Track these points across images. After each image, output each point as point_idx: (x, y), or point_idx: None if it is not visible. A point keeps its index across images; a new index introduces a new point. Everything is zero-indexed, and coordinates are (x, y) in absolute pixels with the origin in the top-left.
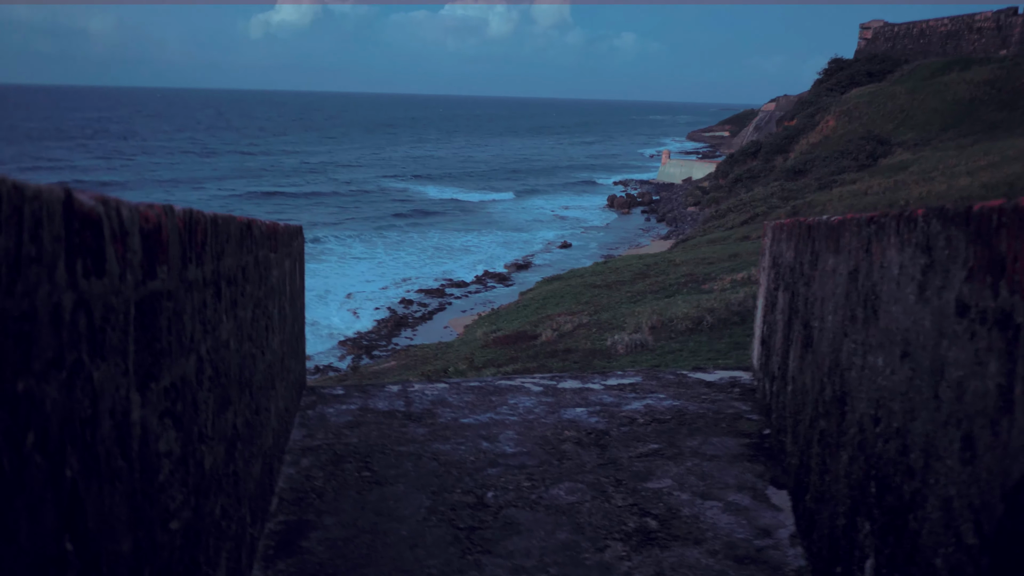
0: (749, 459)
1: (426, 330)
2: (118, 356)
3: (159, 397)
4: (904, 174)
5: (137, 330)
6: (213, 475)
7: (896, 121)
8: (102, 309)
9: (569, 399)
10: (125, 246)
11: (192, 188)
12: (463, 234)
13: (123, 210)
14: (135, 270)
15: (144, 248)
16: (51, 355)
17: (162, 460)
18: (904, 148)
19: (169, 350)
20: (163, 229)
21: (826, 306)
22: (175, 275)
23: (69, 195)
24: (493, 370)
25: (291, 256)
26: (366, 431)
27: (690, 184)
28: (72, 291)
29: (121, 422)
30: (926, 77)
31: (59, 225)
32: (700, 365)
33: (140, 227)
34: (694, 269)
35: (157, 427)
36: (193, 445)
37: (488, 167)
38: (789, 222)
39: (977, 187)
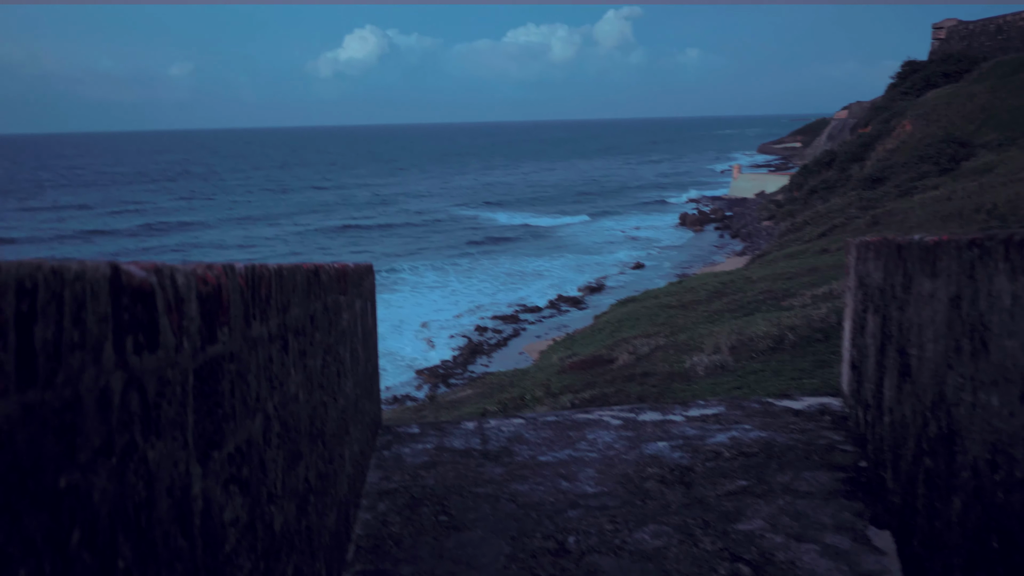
0: (845, 495)
1: (502, 356)
2: (176, 430)
3: (223, 465)
4: (989, 176)
5: (197, 399)
6: (284, 535)
7: (977, 122)
8: (156, 384)
9: (650, 432)
10: (181, 314)
11: (268, 224)
12: (535, 259)
13: (178, 277)
14: (193, 338)
15: (203, 313)
16: (99, 443)
17: (228, 530)
18: (987, 149)
19: (233, 414)
20: (223, 291)
21: (924, 333)
22: (237, 335)
23: (116, 271)
24: (570, 396)
25: (362, 296)
26: (442, 472)
27: (763, 198)
28: (122, 371)
29: (181, 499)
30: (1007, 74)
31: (105, 304)
32: (786, 391)
33: (198, 292)
34: (772, 285)
35: (221, 496)
36: (261, 508)
37: (557, 191)
38: (876, 240)
39: None
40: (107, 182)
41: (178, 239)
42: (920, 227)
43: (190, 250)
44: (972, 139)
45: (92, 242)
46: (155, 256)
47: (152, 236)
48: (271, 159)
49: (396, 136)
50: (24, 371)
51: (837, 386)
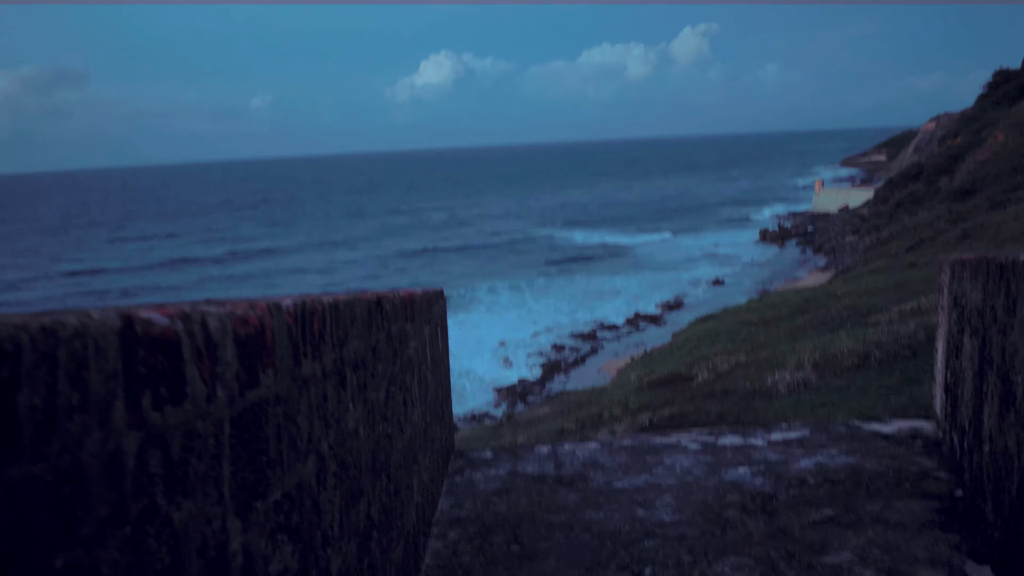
0: (940, 526)
1: (579, 374)
2: (208, 485)
3: (267, 514)
4: None
5: (235, 449)
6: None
7: None
8: (182, 439)
9: (730, 458)
10: (215, 361)
11: (348, 249)
12: (612, 277)
13: (211, 321)
14: (229, 384)
15: (242, 357)
16: (107, 512)
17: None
18: None
19: (280, 460)
20: (267, 331)
21: None
22: (285, 376)
23: (129, 322)
24: (648, 414)
25: (432, 322)
26: (515, 499)
27: (847, 212)
28: (138, 430)
29: (216, 558)
30: None
31: (115, 359)
32: (874, 412)
33: (235, 335)
34: (857, 301)
35: (266, 548)
36: (315, 553)
37: (634, 208)
38: (973, 259)
39: None
40: (193, 212)
41: (261, 265)
42: (1014, 241)
43: (273, 276)
44: None
45: (179, 270)
46: (238, 283)
47: (236, 263)
48: (350, 184)
49: (472, 159)
50: (5, 445)
51: (929, 408)
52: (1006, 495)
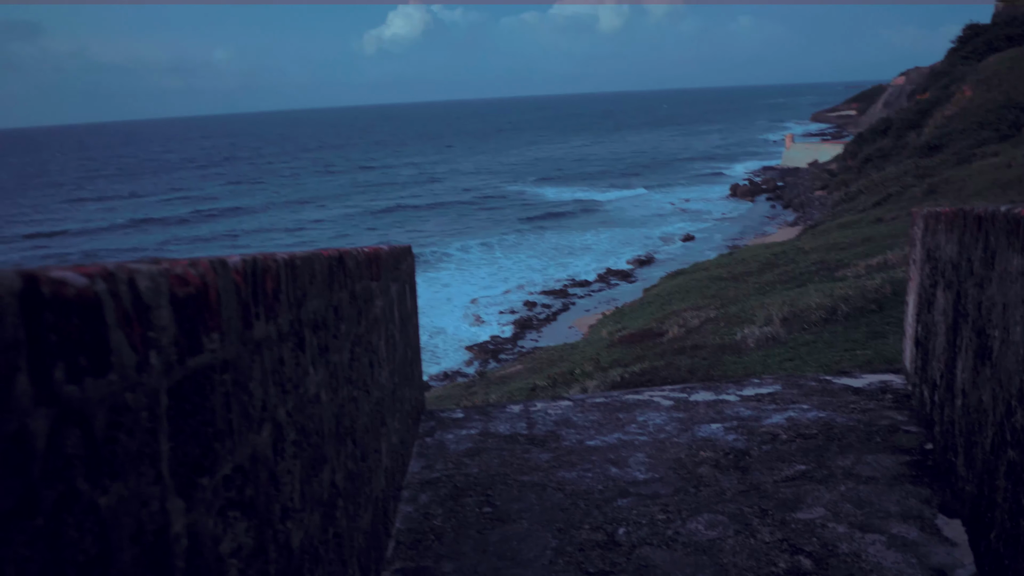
0: (912, 480)
1: (551, 331)
2: (143, 464)
3: (216, 491)
4: None
5: (175, 422)
6: (306, 549)
7: None
8: (108, 414)
9: (703, 414)
10: (146, 325)
11: (316, 208)
12: (584, 233)
13: (141, 281)
14: (165, 351)
15: (180, 320)
16: (11, 504)
17: (226, 563)
18: None
19: (229, 430)
20: (211, 290)
21: (1011, 314)
22: (234, 340)
23: (33, 282)
24: (620, 370)
25: (399, 280)
26: (487, 459)
27: (816, 167)
28: (48, 407)
29: (154, 543)
30: None
31: (14, 326)
32: (843, 367)
33: (173, 296)
34: (825, 256)
35: (215, 527)
36: (273, 528)
37: (606, 164)
38: (949, 211)
39: None
40: (155, 170)
41: (227, 225)
42: (979, 195)
43: (240, 236)
44: None
45: (143, 231)
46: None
47: (202, 223)
48: (317, 140)
49: (443, 113)
50: None
51: (897, 362)
52: (979, 449)
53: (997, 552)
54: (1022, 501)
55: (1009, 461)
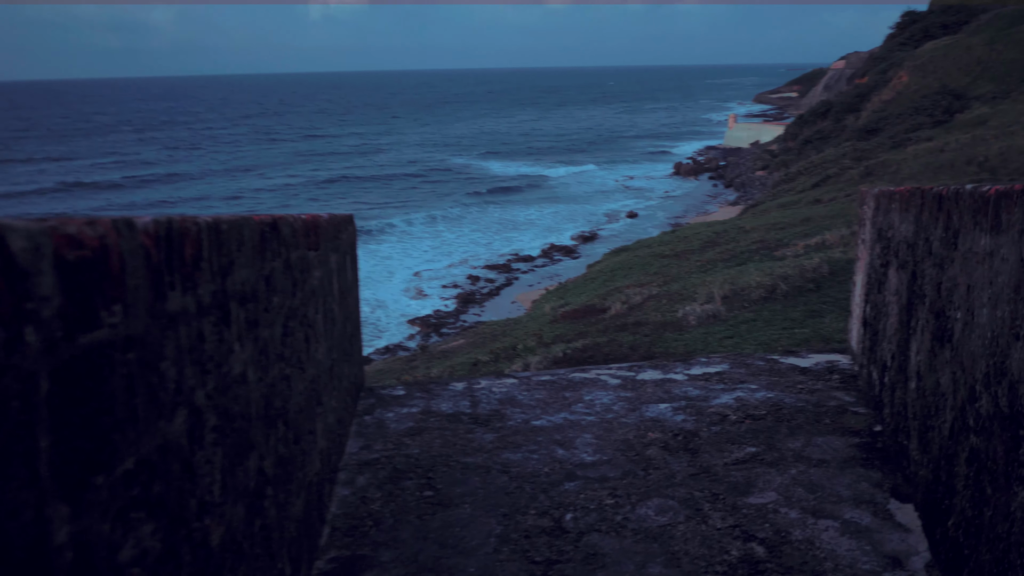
0: (862, 463)
1: (494, 306)
2: (13, 465)
3: (113, 491)
4: (982, 129)
5: (59, 412)
6: (228, 545)
7: (973, 74)
8: None
9: (650, 393)
10: (21, 294)
11: (257, 176)
12: (529, 208)
13: (14, 241)
14: (47, 325)
15: (69, 288)
16: None
17: (127, 574)
18: (981, 102)
19: (132, 418)
20: (112, 255)
21: (977, 296)
22: (141, 313)
23: None
24: (563, 346)
25: (339, 250)
26: (428, 439)
27: (758, 148)
28: None
29: (26, 560)
30: (1005, 26)
31: None
32: (791, 348)
33: (59, 259)
34: (765, 235)
35: (113, 533)
36: (188, 527)
37: (552, 140)
38: (904, 190)
39: None
40: (88, 132)
41: (165, 192)
42: (912, 179)
43: (177, 204)
44: (967, 91)
45: (74, 195)
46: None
47: (136, 189)
48: (260, 107)
49: (389, 83)
50: None
51: (841, 341)
52: (935, 434)
53: (956, 540)
54: (986, 490)
55: (972, 448)
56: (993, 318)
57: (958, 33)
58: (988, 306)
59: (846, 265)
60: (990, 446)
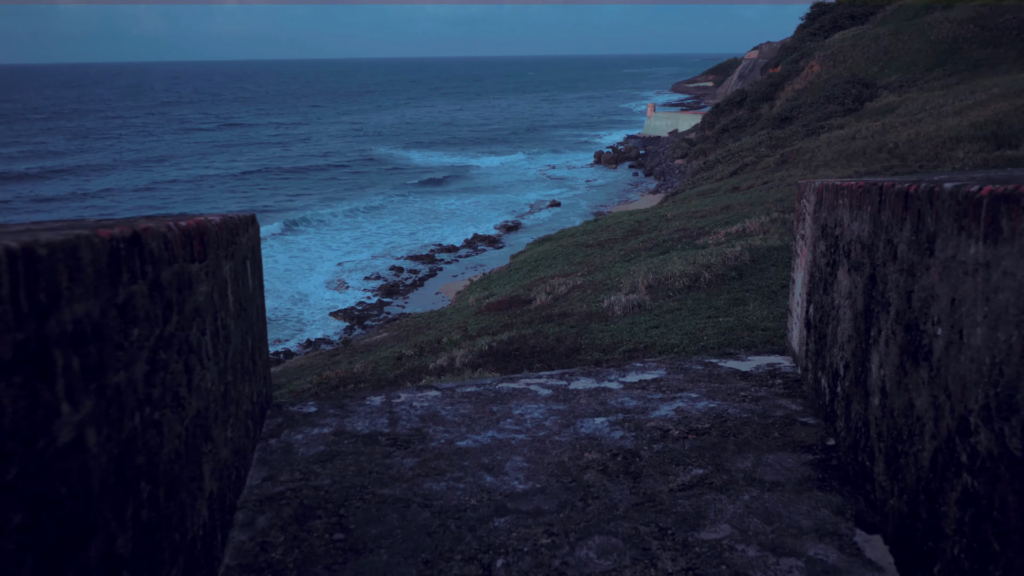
0: (819, 485)
1: (418, 297)
2: None
3: None
4: (891, 116)
5: None
6: None
7: (881, 63)
8: None
9: (584, 405)
10: None
11: (172, 166)
12: (451, 198)
13: None
14: None
15: None
16: None
17: None
18: (890, 90)
19: None
20: None
21: (967, 313)
22: None
23: None
24: (488, 339)
25: (235, 256)
26: (341, 466)
27: (676, 136)
28: None
29: None
30: (909, 17)
31: None
32: (729, 350)
33: None
34: (686, 223)
35: None
36: None
37: (472, 130)
38: (856, 185)
39: (966, 126)
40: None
41: (74, 184)
42: (826, 166)
43: (83, 197)
44: (876, 80)
45: None
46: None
47: (46, 180)
48: (173, 94)
49: (305, 72)
50: None
51: (783, 343)
52: (910, 461)
53: None
54: (992, 545)
55: (966, 489)
56: (993, 341)
57: (865, 24)
58: (984, 326)
59: (767, 253)
60: (994, 492)
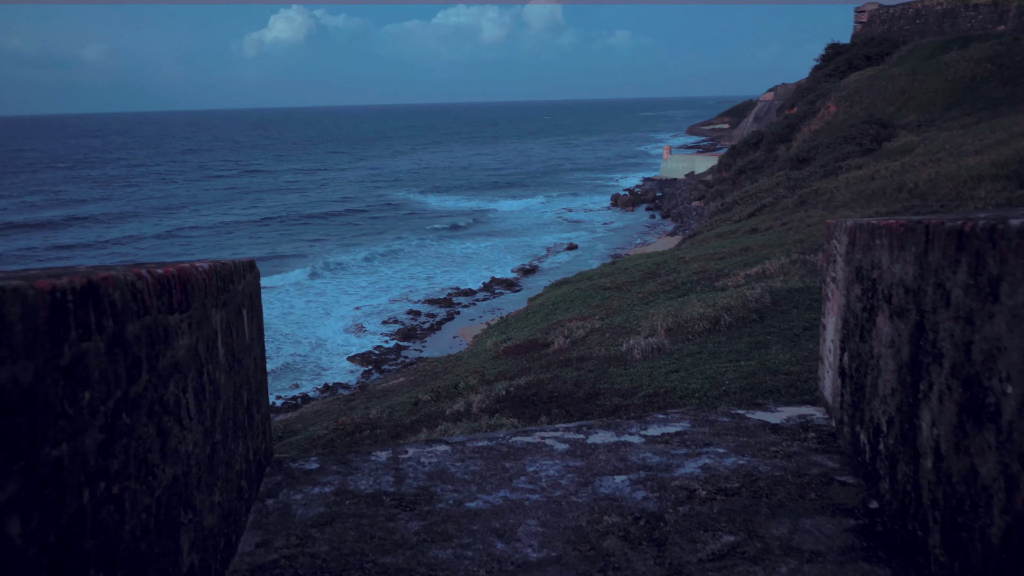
0: (865, 556)
1: (435, 341)
2: None
3: None
4: (910, 156)
5: None
6: None
7: (898, 103)
8: None
9: (604, 461)
10: None
11: (191, 213)
12: (468, 242)
13: None
14: None
15: None
16: None
17: None
18: (908, 130)
19: None
20: None
21: None
22: None
23: None
24: (505, 383)
25: (230, 305)
26: (341, 530)
27: (693, 178)
28: None
29: None
30: (925, 57)
31: None
32: (757, 401)
33: None
34: (705, 265)
35: None
36: None
37: (488, 174)
38: (897, 224)
39: (987, 165)
40: (22, 167)
41: (96, 232)
42: (846, 206)
43: (106, 245)
44: (893, 120)
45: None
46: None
47: (66, 228)
48: (194, 143)
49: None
50: None
51: (812, 392)
52: (977, 538)
53: None
54: None
55: None
56: None
57: (881, 64)
58: None
59: (788, 295)
60: None
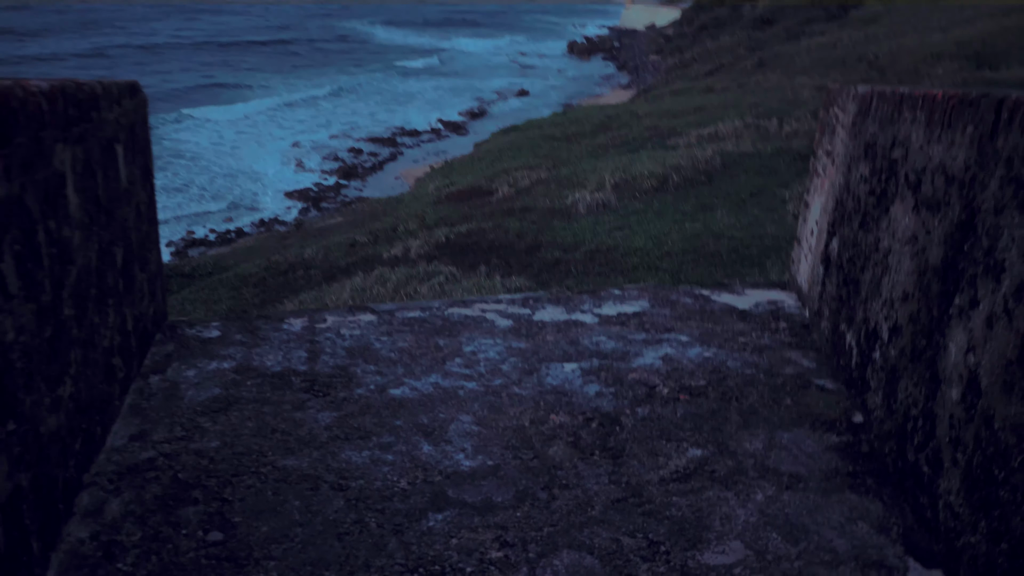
0: (851, 484)
1: (376, 181)
2: None
3: None
4: (875, 27)
5: None
6: None
7: None
8: None
9: (551, 344)
10: None
11: (116, 31)
12: (415, 80)
13: None
14: None
15: None
16: None
17: None
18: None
19: None
20: None
21: None
22: None
23: None
24: (446, 230)
25: (89, 140)
26: (237, 421)
27: (653, 31)
28: None
29: None
30: None
31: None
32: (723, 280)
33: None
34: (658, 122)
35: None
36: None
37: (442, 10)
38: (949, 96)
39: (950, 44)
40: None
41: (5, 50)
42: (805, 72)
43: (24, 62)
44: None
45: None
46: None
47: None
48: None
49: None
50: None
51: (787, 277)
52: (1003, 490)
53: None
54: None
55: None
56: None
57: None
58: None
59: (738, 159)
60: None
